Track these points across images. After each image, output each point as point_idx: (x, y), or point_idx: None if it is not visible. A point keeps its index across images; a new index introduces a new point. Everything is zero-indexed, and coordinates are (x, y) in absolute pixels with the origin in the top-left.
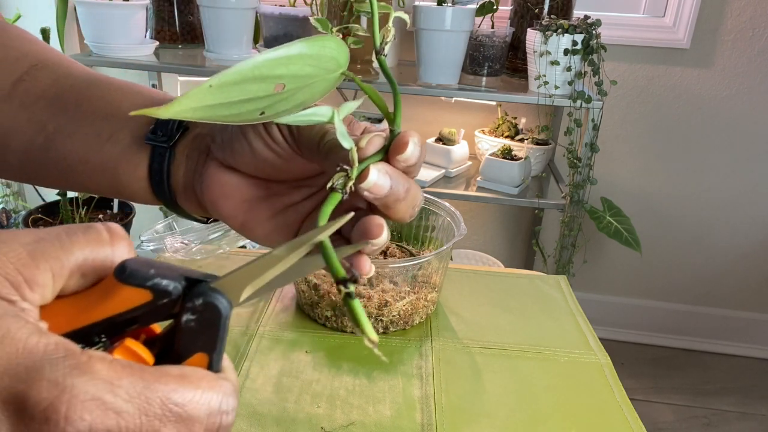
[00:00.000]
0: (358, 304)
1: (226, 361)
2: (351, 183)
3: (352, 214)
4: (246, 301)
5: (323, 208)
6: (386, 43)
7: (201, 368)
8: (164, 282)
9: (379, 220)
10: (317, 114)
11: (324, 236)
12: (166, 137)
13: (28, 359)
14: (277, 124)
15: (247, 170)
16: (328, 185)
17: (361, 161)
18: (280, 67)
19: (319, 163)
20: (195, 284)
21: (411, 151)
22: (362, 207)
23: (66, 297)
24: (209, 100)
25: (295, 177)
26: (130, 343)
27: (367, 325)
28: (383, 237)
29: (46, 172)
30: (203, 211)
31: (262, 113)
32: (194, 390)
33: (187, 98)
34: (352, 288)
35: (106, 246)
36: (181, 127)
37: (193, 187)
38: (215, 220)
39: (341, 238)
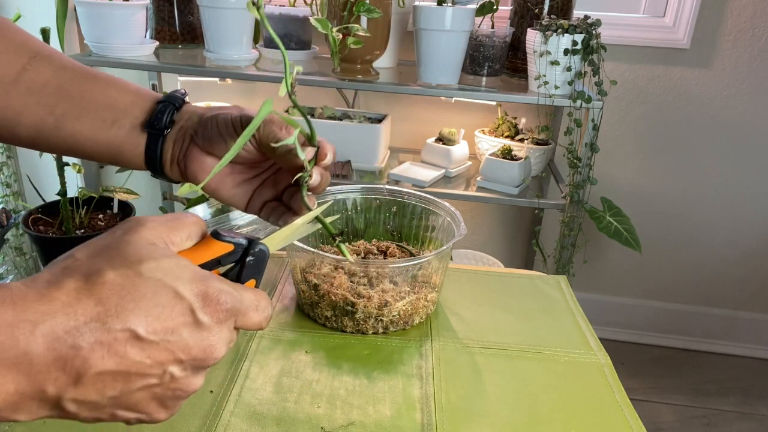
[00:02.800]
0: (344, 246)
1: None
2: (307, 177)
3: (326, 204)
4: (277, 249)
5: (302, 193)
6: (294, 88)
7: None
8: (238, 239)
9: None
10: (288, 140)
11: (318, 212)
12: (160, 128)
13: (198, 272)
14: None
15: (220, 156)
16: (294, 179)
17: (305, 163)
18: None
19: (273, 158)
20: (252, 241)
21: (329, 159)
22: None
23: (185, 251)
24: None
25: (252, 162)
26: (216, 273)
27: (347, 253)
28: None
29: (56, 147)
30: (184, 179)
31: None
32: (232, 285)
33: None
34: (340, 238)
35: (199, 223)
36: (171, 120)
37: (178, 163)
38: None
39: (284, 206)
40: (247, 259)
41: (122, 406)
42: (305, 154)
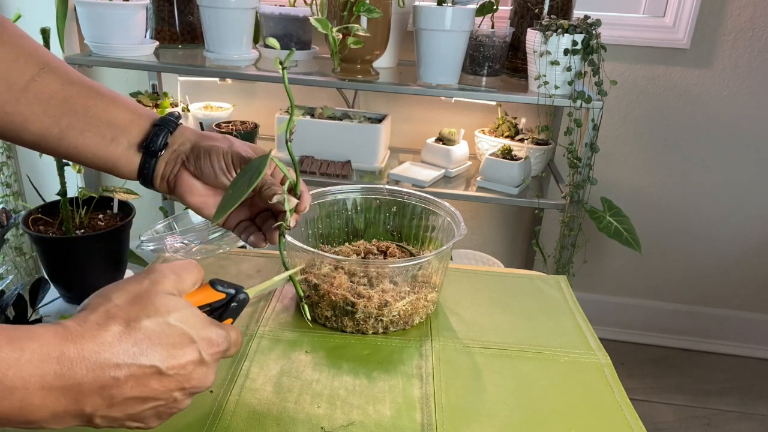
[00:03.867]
0: (307, 308)
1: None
2: (287, 223)
3: (299, 268)
4: (253, 295)
5: (280, 243)
6: (292, 134)
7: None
8: (229, 290)
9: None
10: (281, 198)
11: (292, 272)
12: (154, 151)
13: (204, 321)
14: (234, 167)
15: (208, 182)
16: (275, 225)
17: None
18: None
19: (257, 195)
20: (238, 290)
21: (306, 208)
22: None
23: (190, 294)
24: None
25: None
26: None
27: (308, 312)
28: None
29: (57, 153)
30: (171, 194)
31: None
32: (225, 329)
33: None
34: (305, 300)
35: (200, 270)
36: (165, 143)
37: (168, 180)
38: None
39: (256, 226)
40: (232, 304)
41: (133, 419)
42: (289, 204)
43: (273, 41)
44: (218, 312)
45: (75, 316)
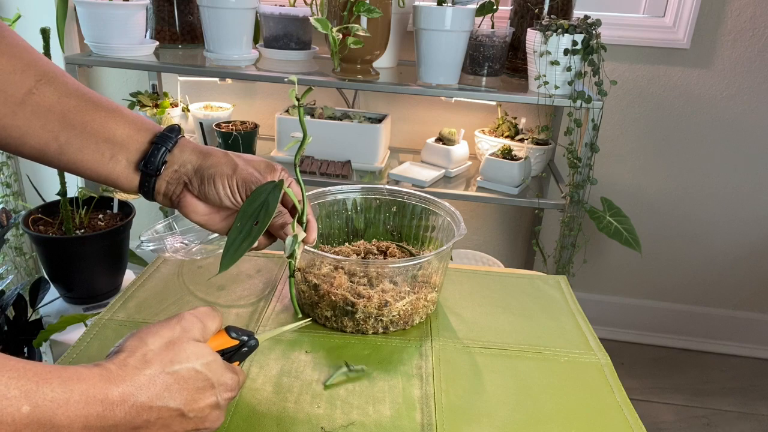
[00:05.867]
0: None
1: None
2: (296, 262)
3: (308, 320)
4: (263, 340)
5: (291, 291)
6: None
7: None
8: (242, 337)
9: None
10: (291, 238)
11: (303, 323)
12: (153, 170)
13: (222, 367)
14: (239, 191)
15: (212, 204)
16: (286, 255)
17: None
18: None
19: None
20: (250, 336)
21: (313, 240)
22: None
23: (210, 339)
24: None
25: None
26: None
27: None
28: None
29: (59, 167)
30: (174, 208)
31: (256, 223)
32: (233, 372)
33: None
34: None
35: (220, 317)
36: (163, 162)
37: (171, 199)
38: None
39: (271, 237)
40: (243, 349)
41: None
42: (297, 236)
43: (293, 78)
44: (228, 355)
45: (114, 357)
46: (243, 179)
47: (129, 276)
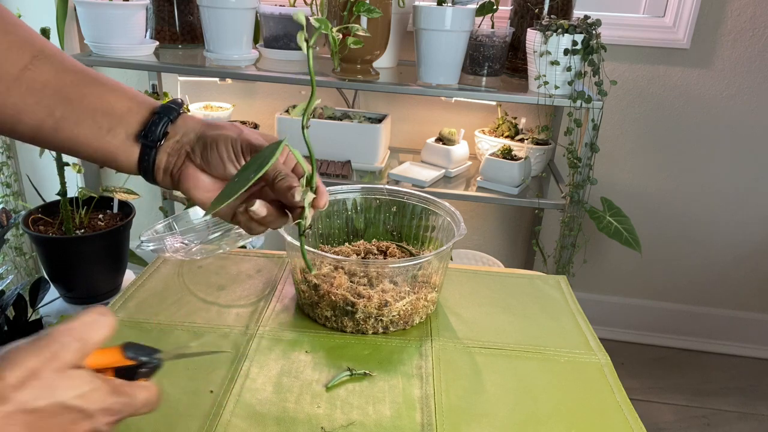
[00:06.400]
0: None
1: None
2: (307, 222)
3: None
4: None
5: (301, 241)
6: (309, 121)
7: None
8: (141, 358)
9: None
10: (300, 195)
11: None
12: (153, 140)
13: (99, 390)
14: (243, 155)
15: (216, 175)
16: (293, 223)
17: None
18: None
19: (269, 186)
20: (151, 354)
21: (324, 203)
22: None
23: (100, 351)
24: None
25: None
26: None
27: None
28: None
29: (54, 147)
30: (175, 188)
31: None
32: (129, 395)
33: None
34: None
35: (108, 328)
36: (164, 133)
37: (171, 174)
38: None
39: (281, 210)
40: (141, 369)
41: None
42: (306, 198)
43: (300, 15)
44: (127, 374)
45: None
46: (248, 142)
47: (129, 276)
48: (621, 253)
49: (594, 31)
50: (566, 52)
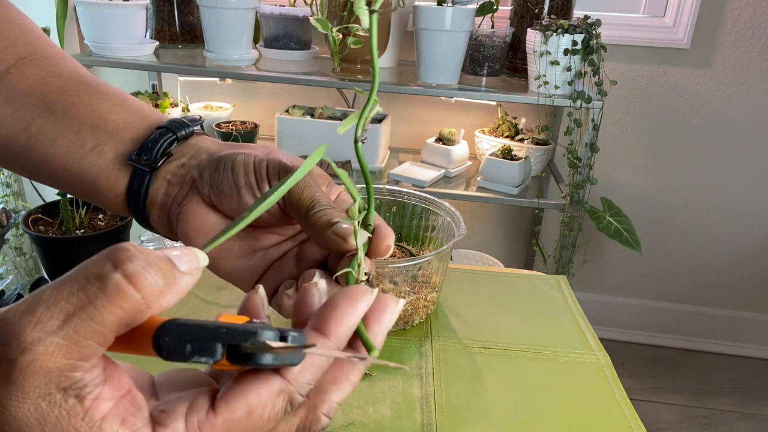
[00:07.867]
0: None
1: None
2: (362, 273)
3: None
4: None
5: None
6: (366, 131)
7: None
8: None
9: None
10: (346, 219)
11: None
12: (149, 161)
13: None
14: (269, 181)
15: (229, 213)
16: (336, 275)
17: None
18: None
19: (301, 224)
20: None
21: (389, 248)
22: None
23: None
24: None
25: (269, 225)
26: None
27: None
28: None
29: (25, 169)
30: (172, 235)
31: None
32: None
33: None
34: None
35: (134, 302)
36: (165, 153)
37: (169, 211)
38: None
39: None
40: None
41: None
42: (360, 238)
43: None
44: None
45: None
46: (278, 162)
47: None
48: (621, 253)
49: (594, 31)
50: (566, 52)
